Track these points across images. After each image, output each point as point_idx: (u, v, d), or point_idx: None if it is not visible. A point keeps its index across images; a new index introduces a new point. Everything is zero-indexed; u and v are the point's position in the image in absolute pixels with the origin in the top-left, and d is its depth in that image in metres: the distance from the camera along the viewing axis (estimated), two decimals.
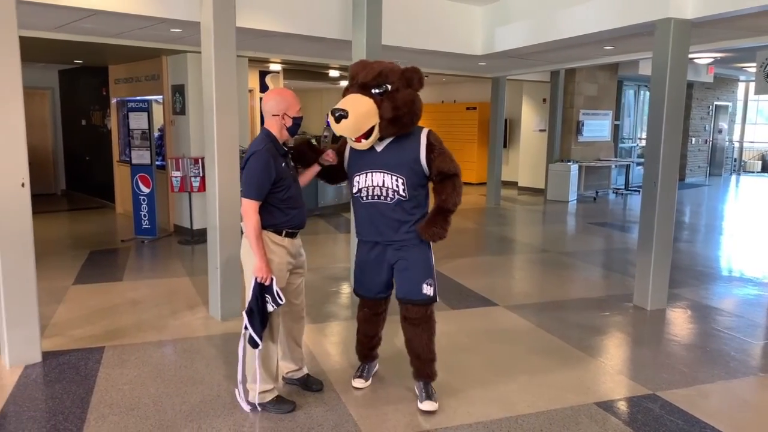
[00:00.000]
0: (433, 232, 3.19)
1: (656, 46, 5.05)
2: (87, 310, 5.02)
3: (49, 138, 12.01)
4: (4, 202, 3.69)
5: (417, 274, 3.30)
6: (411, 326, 3.38)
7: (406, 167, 3.20)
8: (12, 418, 3.23)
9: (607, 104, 13.03)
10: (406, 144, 3.23)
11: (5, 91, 3.63)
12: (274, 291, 3.09)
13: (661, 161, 5.02)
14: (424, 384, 3.42)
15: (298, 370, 3.61)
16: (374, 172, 3.25)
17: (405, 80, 3.16)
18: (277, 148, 3.18)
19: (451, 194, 3.20)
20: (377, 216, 3.28)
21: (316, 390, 3.56)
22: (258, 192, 3.07)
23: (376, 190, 3.25)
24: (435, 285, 3.35)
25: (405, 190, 3.22)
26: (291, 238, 3.27)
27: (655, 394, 3.62)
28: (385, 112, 3.10)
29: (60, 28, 5.97)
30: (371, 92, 3.13)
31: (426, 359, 3.39)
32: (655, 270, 5.18)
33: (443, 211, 3.21)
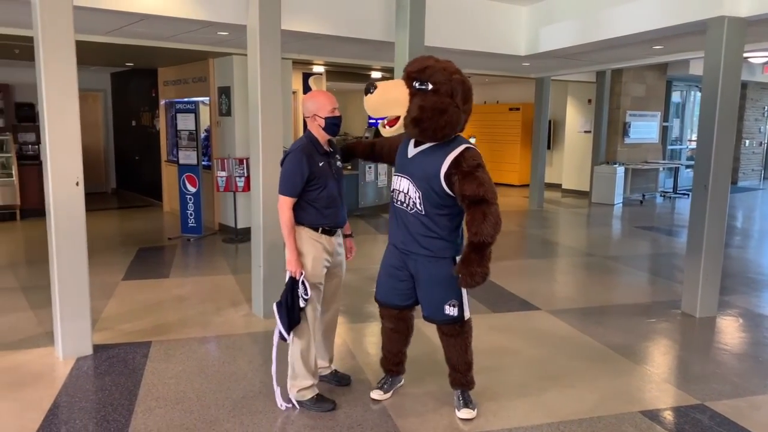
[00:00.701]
0: (471, 272, 2.88)
1: (708, 46, 4.90)
2: (135, 305, 5.17)
3: (101, 138, 12.43)
4: (60, 200, 3.84)
5: (437, 294, 3.16)
6: (445, 337, 3.30)
7: (424, 182, 3.03)
8: (64, 407, 3.36)
9: (655, 105, 12.69)
10: (435, 156, 3.01)
11: (62, 94, 3.78)
12: (305, 285, 3.14)
13: (712, 164, 4.87)
14: (461, 392, 3.36)
15: (327, 367, 3.66)
16: (403, 177, 3.16)
17: (450, 87, 2.92)
18: (316, 148, 3.24)
19: (482, 225, 2.84)
20: (402, 222, 3.19)
21: (345, 384, 3.62)
22: (291, 189, 3.16)
23: (401, 196, 3.17)
24: (461, 304, 3.17)
25: (421, 205, 3.06)
26: (328, 236, 3.30)
27: (704, 404, 3.50)
28: (411, 110, 2.94)
29: (113, 32, 6.18)
30: (412, 84, 2.97)
31: (461, 370, 3.31)
32: (705, 276, 5.02)
33: (476, 248, 2.87)
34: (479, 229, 2.86)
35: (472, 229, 2.89)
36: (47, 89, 3.74)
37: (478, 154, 3.00)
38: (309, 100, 3.29)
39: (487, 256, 2.91)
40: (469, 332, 3.29)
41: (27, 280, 5.86)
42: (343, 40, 6.36)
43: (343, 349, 4.27)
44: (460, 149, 2.97)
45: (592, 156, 12.18)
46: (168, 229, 8.67)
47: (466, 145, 3.01)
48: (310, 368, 3.32)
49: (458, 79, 2.96)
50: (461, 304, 3.19)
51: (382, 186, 10.19)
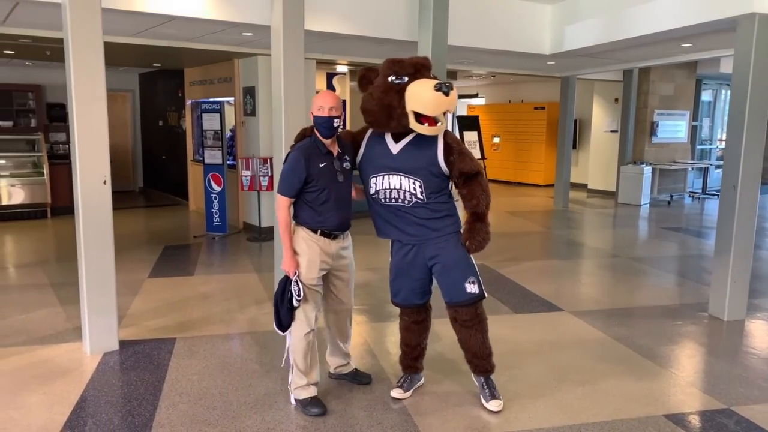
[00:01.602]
0: (478, 241, 3.16)
1: (738, 44, 4.80)
2: (160, 302, 5.26)
3: (129, 138, 12.65)
4: (88, 198, 3.92)
5: (457, 273, 3.24)
6: (464, 328, 3.31)
7: (423, 170, 3.14)
8: (91, 401, 3.43)
9: (684, 104, 12.46)
10: (423, 145, 3.15)
11: (90, 94, 3.86)
12: (298, 285, 3.14)
13: (741, 164, 4.77)
14: (485, 380, 3.38)
15: (346, 365, 3.65)
16: (391, 175, 3.18)
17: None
18: (318, 149, 3.20)
19: (482, 195, 3.15)
20: (399, 217, 3.24)
21: (365, 383, 3.61)
22: (286, 189, 3.18)
23: (394, 193, 3.20)
24: (479, 281, 3.28)
25: (423, 193, 3.15)
26: (327, 238, 3.25)
27: (730, 408, 3.44)
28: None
29: (140, 33, 6.29)
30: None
31: (483, 356, 3.36)
32: (733, 278, 4.92)
33: (480, 217, 3.16)
34: (479, 200, 3.15)
35: (473, 201, 3.15)
36: (76, 90, 3.82)
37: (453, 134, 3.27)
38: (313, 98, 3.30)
39: (487, 222, 3.20)
40: (484, 317, 3.35)
41: (57, 277, 6.00)
42: (367, 39, 6.38)
43: (363, 348, 4.28)
44: (442, 133, 3.17)
45: (619, 156, 12.00)
46: (193, 227, 8.79)
47: (444, 128, 3.19)
48: (303, 370, 3.30)
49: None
50: (479, 282, 3.28)
51: None
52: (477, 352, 3.34)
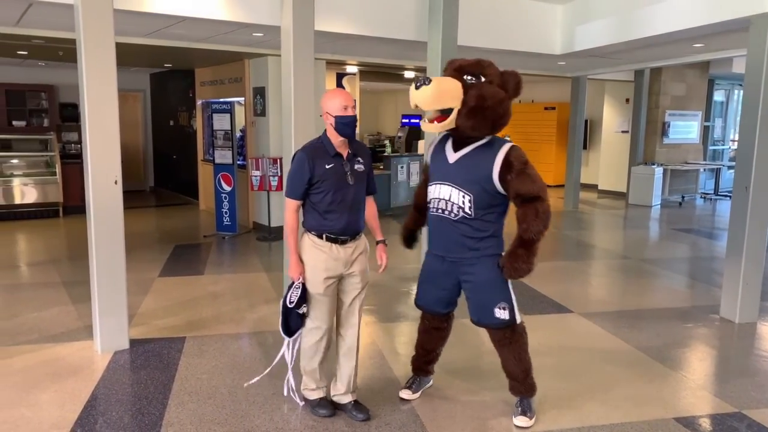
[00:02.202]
0: (516, 268, 2.96)
1: (751, 44, 4.75)
2: (171, 301, 5.29)
3: (141, 138, 12.74)
4: (99, 197, 3.95)
5: (486, 297, 3.12)
6: (497, 347, 3.25)
7: (476, 185, 3.00)
8: (102, 399, 3.46)
9: (696, 104, 12.37)
10: (481, 158, 3.00)
11: (102, 95, 3.89)
12: (299, 292, 3.05)
13: (754, 165, 4.72)
14: (521, 400, 3.29)
15: (344, 395, 3.29)
16: (443, 185, 3.10)
17: (502, 80, 2.98)
18: (326, 149, 3.07)
19: (534, 222, 2.91)
20: (443, 230, 3.13)
21: (360, 420, 3.22)
22: (292, 191, 3.08)
23: (441, 204, 3.11)
24: (512, 307, 3.12)
25: (471, 209, 3.03)
26: (334, 244, 3.09)
27: (741, 412, 3.41)
28: (470, 99, 2.91)
29: (152, 34, 6.33)
30: (463, 77, 2.97)
31: (519, 378, 3.24)
32: (745, 280, 4.87)
33: (525, 243, 2.94)
34: (530, 225, 2.92)
35: (523, 225, 2.94)
36: (88, 90, 3.85)
37: (522, 151, 3.03)
38: (323, 97, 3.13)
39: (533, 252, 2.97)
40: (522, 339, 3.21)
41: (69, 275, 6.05)
42: (377, 40, 6.38)
43: (372, 348, 4.29)
44: (506, 148, 2.99)
45: (630, 156, 11.93)
46: (204, 227, 8.84)
47: (511, 144, 3.03)
48: (310, 373, 3.26)
49: (510, 71, 3.02)
50: (512, 307, 3.13)
51: (414, 185, 10.18)
52: (510, 372, 3.26)
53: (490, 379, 3.70)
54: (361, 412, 3.27)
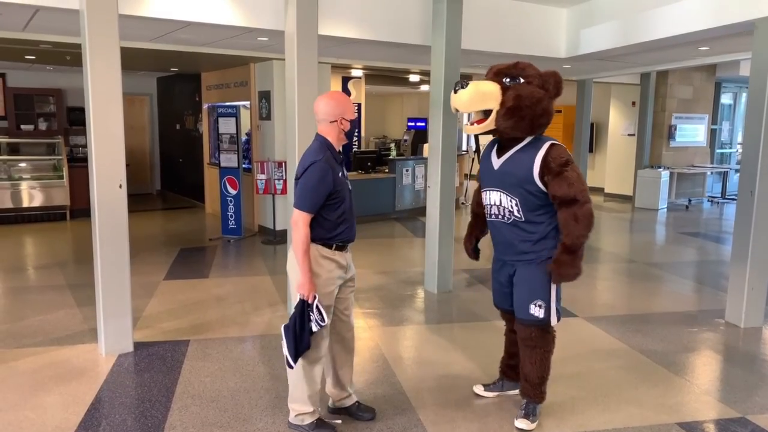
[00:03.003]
0: (563, 274, 2.98)
1: (755, 47, 4.74)
2: (175, 304, 5.31)
3: (147, 141, 12.81)
4: (104, 201, 3.98)
5: (524, 292, 3.15)
6: (521, 345, 3.26)
7: (519, 188, 3.02)
8: (105, 402, 3.48)
9: (702, 107, 12.32)
10: (522, 160, 3.02)
11: (107, 99, 3.92)
12: (320, 309, 2.88)
13: (759, 168, 4.70)
14: (526, 402, 3.29)
15: (348, 397, 3.31)
16: (492, 191, 3.15)
17: (541, 80, 3.01)
18: (335, 158, 2.99)
19: (574, 227, 2.90)
20: (499, 234, 3.21)
21: (368, 419, 3.27)
22: (312, 205, 2.88)
23: (494, 209, 3.16)
24: (548, 307, 3.11)
25: (520, 212, 3.05)
26: (342, 251, 3.06)
27: (746, 417, 3.39)
28: (507, 100, 2.96)
29: (158, 38, 6.37)
30: (502, 80, 3.03)
31: (533, 382, 3.24)
32: (751, 285, 4.85)
33: (569, 250, 2.94)
34: (571, 230, 2.92)
35: (564, 231, 2.95)
36: (93, 94, 3.88)
37: (564, 150, 3.00)
38: (331, 101, 2.99)
39: (579, 256, 2.96)
40: (548, 346, 3.22)
41: (75, 279, 6.09)
42: (381, 44, 6.40)
43: (375, 352, 4.29)
44: (546, 148, 2.98)
45: (636, 159, 11.90)
46: (209, 230, 8.87)
47: (551, 143, 3.02)
48: (312, 397, 3.07)
49: (549, 71, 3.05)
50: (548, 307, 3.13)
51: (419, 189, 10.19)
52: (527, 375, 3.26)
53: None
54: (367, 411, 3.31)
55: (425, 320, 5.08)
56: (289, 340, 2.90)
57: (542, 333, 3.18)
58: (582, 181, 2.95)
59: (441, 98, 5.57)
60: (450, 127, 5.67)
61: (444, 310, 5.35)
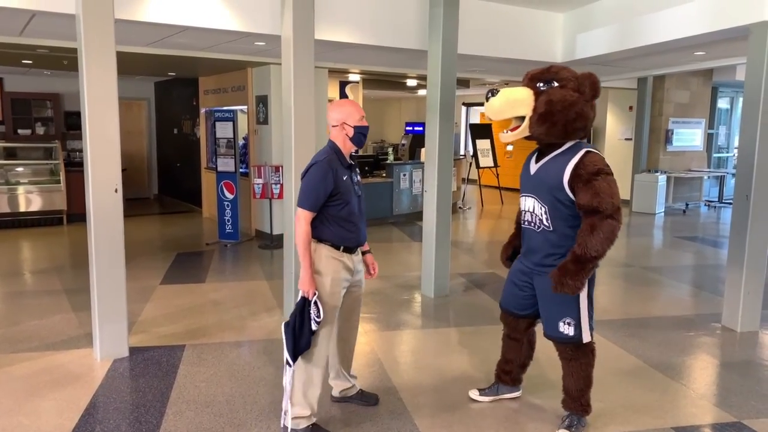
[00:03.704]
0: (563, 282, 2.83)
1: (750, 52, 4.76)
2: (172, 309, 5.30)
3: (145, 145, 12.81)
4: (100, 206, 3.98)
5: (552, 310, 3.07)
6: (561, 359, 3.21)
7: (549, 195, 2.94)
8: (100, 407, 3.47)
9: (699, 112, 12.35)
10: (556, 166, 2.92)
11: (103, 104, 3.92)
12: (318, 305, 2.94)
13: (754, 173, 4.71)
14: (569, 414, 3.25)
15: (351, 387, 3.49)
16: (527, 197, 3.10)
17: (576, 83, 2.93)
18: (340, 161, 3.08)
19: (588, 237, 2.77)
20: (529, 240, 3.14)
21: (372, 404, 3.47)
22: (312, 203, 2.98)
23: (527, 216, 3.10)
24: (579, 323, 3.03)
25: (548, 221, 2.96)
26: (349, 254, 3.13)
27: (741, 422, 3.39)
28: (539, 105, 2.90)
29: (154, 43, 6.37)
30: (536, 85, 2.98)
31: (573, 395, 3.20)
32: (747, 289, 4.85)
33: (577, 259, 2.81)
34: (584, 240, 2.80)
35: (578, 239, 2.84)
36: (88, 99, 3.88)
37: (599, 158, 2.90)
38: (336, 108, 3.14)
39: (585, 270, 2.83)
40: (586, 358, 3.15)
41: (71, 283, 6.07)
42: (378, 49, 6.41)
43: (371, 357, 4.28)
44: (581, 153, 2.89)
45: (633, 164, 11.91)
46: (206, 234, 8.86)
47: (587, 150, 2.91)
48: (309, 400, 3.08)
49: (585, 73, 2.97)
50: (578, 324, 3.04)
51: (417, 193, 10.19)
52: (567, 388, 3.22)
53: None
54: (370, 397, 3.51)
55: (422, 325, 5.07)
56: (288, 338, 2.94)
57: (578, 347, 3.12)
58: (612, 194, 2.81)
59: (437, 103, 5.58)
60: (446, 131, 5.68)
61: (441, 314, 5.35)
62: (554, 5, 6.87)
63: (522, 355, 3.51)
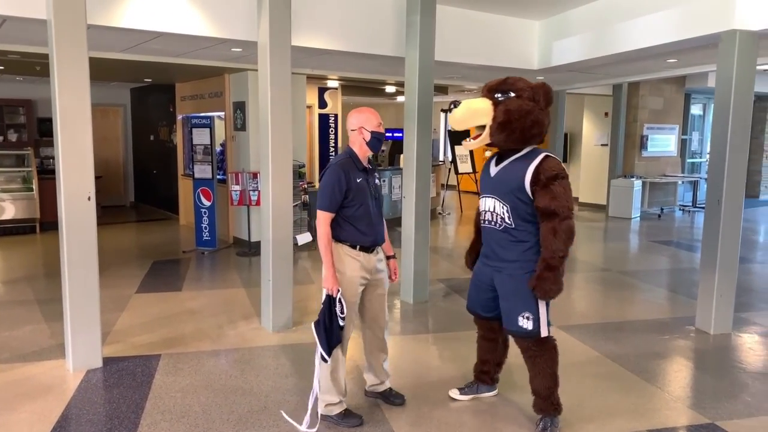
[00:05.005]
0: (546, 290, 3.01)
1: (720, 59, 4.86)
2: (147, 318, 5.22)
3: (121, 152, 12.64)
4: (72, 214, 3.91)
5: (512, 304, 3.19)
6: (524, 357, 3.29)
7: (511, 195, 3.12)
8: (73, 420, 3.39)
9: (673, 118, 12.57)
10: (516, 168, 3.12)
11: (75, 110, 3.86)
12: (341, 302, 3.11)
13: (725, 178, 4.80)
14: (542, 418, 3.27)
15: (380, 384, 3.62)
16: (488, 197, 3.25)
17: (531, 93, 3.11)
18: (355, 164, 3.27)
19: (552, 241, 2.97)
20: (490, 239, 3.28)
21: (398, 404, 3.57)
22: (328, 203, 3.17)
23: (488, 215, 3.25)
24: (538, 318, 3.13)
25: (511, 218, 3.14)
26: (366, 253, 3.29)
27: (715, 423, 3.43)
28: (498, 115, 3.09)
29: (129, 49, 6.31)
30: (494, 96, 3.15)
31: (542, 395, 3.24)
32: (719, 292, 4.93)
33: (549, 266, 2.98)
34: (549, 244, 2.99)
35: (543, 244, 3.03)
36: (60, 105, 3.82)
37: (556, 163, 3.08)
38: (355, 114, 3.33)
39: (559, 271, 3.01)
40: (549, 354, 3.21)
41: (43, 293, 5.96)
42: (356, 55, 6.42)
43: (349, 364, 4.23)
44: (540, 158, 3.08)
45: (609, 169, 12.08)
46: (183, 242, 8.76)
47: (545, 155, 3.10)
48: (338, 387, 3.30)
49: (539, 83, 3.16)
50: (537, 318, 3.14)
51: (396, 199, 10.20)
52: (536, 389, 3.27)
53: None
54: (398, 397, 3.61)
55: (401, 331, 5.07)
56: (321, 336, 3.13)
57: (539, 343, 3.19)
58: (568, 197, 3.01)
59: (415, 109, 5.60)
60: (425, 137, 5.69)
61: (420, 320, 5.35)
62: (530, 13, 6.96)
63: (498, 354, 3.62)
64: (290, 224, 4.95)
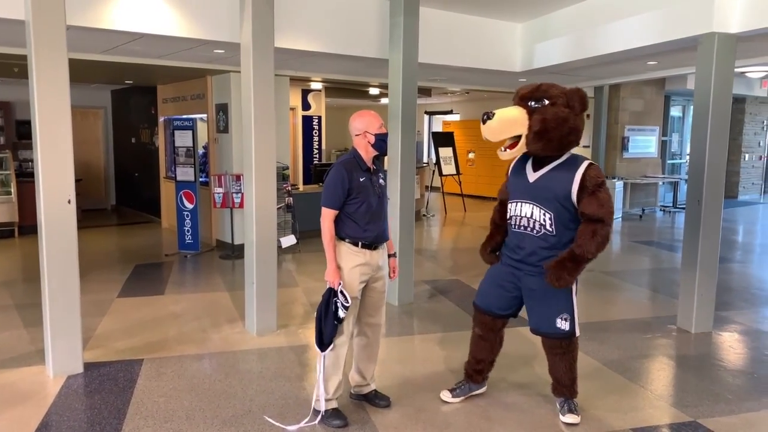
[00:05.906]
0: (560, 276, 3.08)
1: (699, 61, 4.92)
2: (129, 322, 5.16)
3: (102, 155, 12.48)
4: (52, 217, 3.85)
5: (550, 307, 3.25)
6: (550, 354, 3.38)
7: (555, 203, 3.15)
8: (53, 427, 3.34)
9: (653, 120, 12.72)
10: (560, 177, 3.15)
11: (54, 112, 3.81)
12: (344, 294, 3.18)
13: (705, 179, 4.87)
14: (564, 400, 3.43)
15: (366, 385, 3.64)
16: (524, 203, 3.25)
17: (566, 99, 3.11)
18: (359, 164, 3.34)
19: (588, 241, 3.05)
20: (522, 244, 3.29)
21: (383, 406, 3.59)
22: (331, 201, 3.26)
23: (524, 221, 3.25)
24: (572, 318, 3.27)
25: (552, 226, 3.17)
26: (369, 250, 3.34)
27: (697, 421, 3.47)
28: (534, 124, 3.08)
29: (110, 50, 6.23)
30: (528, 104, 3.14)
31: (565, 383, 3.40)
32: (700, 291, 4.99)
33: (575, 258, 3.08)
34: (584, 242, 3.05)
35: (578, 240, 3.08)
36: (39, 107, 3.77)
37: (600, 171, 3.16)
38: (357, 118, 3.39)
39: (580, 268, 3.10)
40: (575, 350, 3.37)
41: (22, 298, 5.86)
42: (339, 57, 6.41)
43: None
44: (584, 166, 3.12)
45: None
46: (165, 245, 8.67)
47: (588, 163, 3.15)
48: (332, 383, 3.36)
49: (573, 89, 3.16)
50: (573, 319, 3.26)
51: None
52: (559, 379, 3.40)
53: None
54: (383, 399, 3.62)
55: (386, 333, 5.05)
56: (321, 325, 3.21)
57: (569, 342, 3.31)
58: (611, 204, 3.11)
59: (399, 111, 5.61)
60: (409, 139, 5.70)
61: (406, 322, 5.35)
62: (513, 16, 7.00)
63: (493, 353, 3.65)
64: (274, 227, 4.92)
